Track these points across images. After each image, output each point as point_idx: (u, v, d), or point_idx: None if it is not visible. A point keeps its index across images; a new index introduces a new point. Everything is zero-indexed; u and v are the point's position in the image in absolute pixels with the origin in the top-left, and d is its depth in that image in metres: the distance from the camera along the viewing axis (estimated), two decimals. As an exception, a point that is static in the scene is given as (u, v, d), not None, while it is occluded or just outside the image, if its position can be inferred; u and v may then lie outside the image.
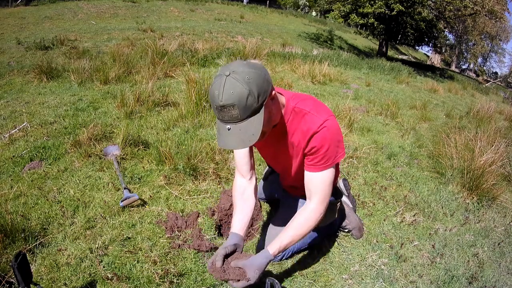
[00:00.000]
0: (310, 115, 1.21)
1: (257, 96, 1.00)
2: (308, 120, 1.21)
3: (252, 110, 1.01)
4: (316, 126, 1.19)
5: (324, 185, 1.26)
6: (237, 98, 0.98)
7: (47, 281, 1.35)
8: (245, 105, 0.99)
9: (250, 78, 0.99)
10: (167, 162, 2.25)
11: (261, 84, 1.01)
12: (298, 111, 1.23)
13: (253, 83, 0.99)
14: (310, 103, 1.26)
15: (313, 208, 1.27)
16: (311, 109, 1.22)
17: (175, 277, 1.42)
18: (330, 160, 1.24)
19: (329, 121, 1.21)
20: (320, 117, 1.20)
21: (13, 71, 4.58)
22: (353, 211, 1.89)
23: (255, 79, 1.00)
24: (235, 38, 11.61)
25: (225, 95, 0.98)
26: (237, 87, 0.98)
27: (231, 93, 0.97)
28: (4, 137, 2.56)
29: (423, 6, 15.38)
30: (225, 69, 1.01)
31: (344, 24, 25.74)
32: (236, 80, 0.98)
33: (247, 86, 0.98)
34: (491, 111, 5.28)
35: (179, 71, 4.69)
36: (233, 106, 0.98)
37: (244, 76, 0.99)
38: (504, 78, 37.65)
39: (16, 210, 1.76)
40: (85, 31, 9.79)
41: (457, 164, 2.67)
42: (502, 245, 1.92)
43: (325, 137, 1.20)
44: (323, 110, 1.24)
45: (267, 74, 1.06)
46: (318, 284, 1.49)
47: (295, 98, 1.26)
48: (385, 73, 8.98)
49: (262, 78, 1.02)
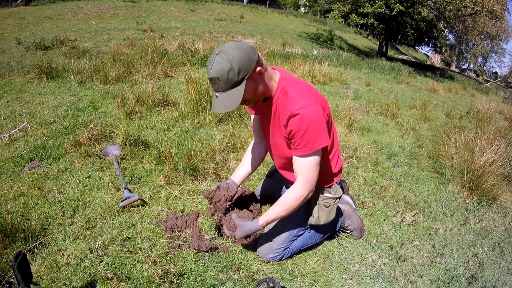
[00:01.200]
0: (293, 98, 1.31)
1: (237, 72, 1.21)
2: (290, 102, 1.31)
3: (233, 83, 1.23)
4: (294, 109, 1.28)
5: (306, 169, 1.36)
6: (220, 73, 1.21)
7: (47, 281, 1.35)
8: (227, 78, 1.22)
9: (233, 57, 1.20)
10: (167, 162, 2.25)
11: (243, 62, 1.21)
12: (285, 91, 1.34)
13: (235, 61, 1.20)
14: (299, 86, 1.35)
15: (297, 188, 1.39)
16: (296, 92, 1.32)
17: (175, 277, 1.42)
18: (309, 145, 1.31)
19: (309, 107, 1.27)
20: (301, 102, 1.28)
21: (13, 71, 4.58)
22: (355, 211, 1.89)
23: (237, 58, 1.21)
24: (235, 38, 11.62)
25: (212, 70, 1.22)
26: (221, 64, 1.21)
27: (216, 69, 1.21)
28: (4, 137, 2.56)
29: (423, 6, 15.39)
30: (218, 48, 1.25)
31: (344, 24, 25.74)
32: (222, 58, 1.21)
33: (229, 63, 1.20)
34: (491, 111, 5.28)
35: (179, 71, 4.69)
36: (218, 79, 1.22)
37: (229, 55, 1.21)
38: (504, 78, 37.63)
39: (16, 210, 1.76)
40: (85, 31, 9.79)
41: (457, 164, 2.67)
42: (502, 245, 1.92)
43: (301, 121, 1.27)
44: (308, 96, 1.30)
45: (253, 54, 1.24)
46: (318, 284, 1.49)
47: (288, 79, 1.38)
48: (385, 73, 8.99)
49: (245, 58, 1.22)
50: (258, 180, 2.26)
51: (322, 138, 1.32)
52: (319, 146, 1.32)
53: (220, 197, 1.60)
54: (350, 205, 1.89)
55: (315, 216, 1.53)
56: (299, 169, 1.38)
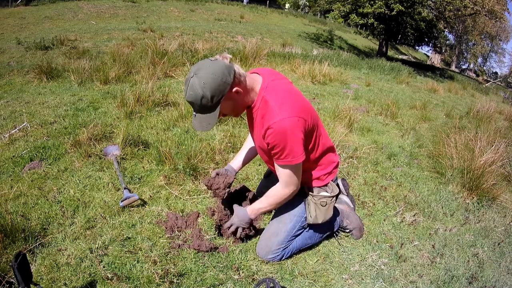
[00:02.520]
0: (271, 110, 1.30)
1: (210, 98, 1.22)
2: (268, 114, 1.31)
3: (206, 108, 1.26)
4: (271, 122, 1.27)
5: (286, 175, 1.40)
6: (194, 99, 1.23)
7: (47, 281, 1.35)
8: (200, 104, 1.24)
9: (206, 84, 1.20)
10: (167, 162, 2.25)
11: (216, 88, 1.21)
12: (265, 102, 1.33)
13: (207, 88, 1.20)
14: (280, 95, 1.32)
15: (278, 189, 1.47)
16: (276, 104, 1.30)
17: (175, 277, 1.42)
18: (288, 158, 1.33)
19: (285, 121, 1.26)
20: (279, 115, 1.27)
21: (13, 71, 4.58)
22: (354, 211, 1.89)
23: (210, 84, 1.20)
24: (235, 38, 11.62)
25: (187, 94, 1.24)
26: (194, 90, 1.21)
27: (190, 94, 1.23)
28: (4, 137, 2.56)
29: (423, 6, 15.39)
30: (193, 69, 1.24)
31: (344, 24, 25.74)
32: (194, 84, 1.21)
33: (202, 90, 1.21)
34: (491, 111, 5.28)
35: (179, 71, 4.69)
36: (193, 103, 1.25)
37: (201, 81, 1.20)
38: (504, 78, 37.62)
39: (16, 210, 1.76)
40: (85, 31, 9.79)
41: (457, 164, 2.67)
42: (502, 245, 1.92)
43: (277, 135, 1.28)
44: (287, 107, 1.29)
45: (227, 77, 1.22)
46: (318, 284, 1.49)
47: (269, 87, 1.35)
48: (385, 73, 8.99)
49: (218, 83, 1.21)
50: (258, 180, 2.26)
51: (297, 154, 1.32)
52: (294, 162, 1.34)
53: (219, 184, 1.64)
54: (348, 204, 1.88)
55: (313, 215, 1.53)
56: (279, 173, 1.42)
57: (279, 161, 1.36)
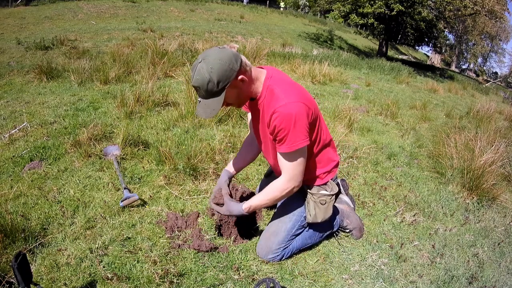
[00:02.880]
0: (277, 95, 1.31)
1: (216, 83, 1.23)
2: (274, 100, 1.32)
3: (212, 93, 1.26)
4: (277, 106, 1.28)
5: (289, 165, 1.37)
6: (201, 83, 1.24)
7: (47, 281, 1.35)
8: (206, 89, 1.25)
9: (213, 68, 1.22)
10: (167, 162, 2.25)
11: (222, 74, 1.23)
12: (270, 90, 1.35)
13: (214, 73, 1.22)
14: (285, 85, 1.35)
15: (280, 182, 1.42)
16: (282, 90, 1.32)
17: (175, 277, 1.42)
18: (290, 143, 1.30)
19: (292, 104, 1.27)
20: (285, 99, 1.28)
21: (13, 71, 4.58)
22: (354, 211, 1.89)
23: (217, 70, 1.22)
24: (235, 38, 11.62)
25: (194, 79, 1.26)
26: (202, 75, 1.23)
27: (197, 78, 1.24)
28: (4, 137, 2.56)
29: (423, 6, 15.38)
30: (202, 55, 1.27)
31: (344, 24, 25.74)
32: (202, 68, 1.23)
33: (209, 75, 1.22)
34: (491, 111, 5.28)
35: (179, 71, 4.69)
36: (199, 87, 1.26)
37: (209, 66, 1.22)
38: (504, 78, 37.63)
39: (16, 210, 1.76)
40: (85, 31, 9.79)
41: (457, 164, 2.67)
42: (502, 245, 1.92)
43: (283, 118, 1.27)
44: (292, 94, 1.31)
45: (234, 64, 1.25)
46: (318, 284, 1.49)
47: (274, 77, 1.38)
48: (385, 73, 8.99)
49: (225, 69, 1.23)
50: (258, 180, 2.26)
51: (302, 137, 1.31)
52: (300, 145, 1.31)
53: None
54: (348, 204, 1.88)
55: (312, 213, 1.54)
56: (283, 165, 1.39)
57: (283, 147, 1.32)
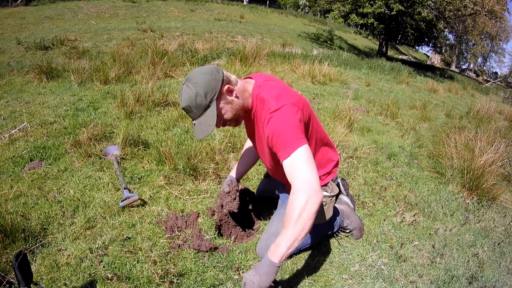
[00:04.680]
0: (267, 102, 1.27)
1: (204, 95, 1.23)
2: (265, 107, 1.28)
3: (203, 107, 1.25)
4: (267, 113, 1.25)
5: (297, 168, 1.16)
6: (189, 101, 1.24)
7: (47, 281, 1.35)
8: (196, 104, 1.24)
9: (197, 83, 1.23)
10: (167, 162, 2.25)
11: (207, 85, 1.23)
12: (260, 99, 1.32)
13: (199, 86, 1.23)
14: (275, 91, 1.31)
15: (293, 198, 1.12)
16: (271, 96, 1.28)
17: (175, 277, 1.42)
18: (290, 146, 1.17)
19: (281, 109, 1.23)
20: (274, 105, 1.24)
21: (13, 71, 4.58)
22: (354, 211, 1.89)
23: (201, 82, 1.23)
24: (235, 38, 11.61)
25: (182, 100, 1.26)
26: (188, 92, 1.24)
27: (185, 97, 1.25)
28: (4, 137, 2.56)
29: (423, 6, 15.38)
30: (185, 78, 1.28)
31: (344, 24, 25.74)
32: (187, 87, 1.25)
33: (195, 89, 1.23)
34: (491, 111, 5.28)
35: (179, 71, 4.69)
36: (189, 107, 1.25)
37: (193, 82, 1.24)
38: (504, 78, 37.60)
39: (16, 210, 1.76)
40: (85, 31, 9.78)
41: (457, 164, 2.67)
42: (502, 245, 1.92)
43: (274, 124, 1.22)
44: (282, 98, 1.26)
45: (216, 74, 1.26)
46: (318, 284, 1.49)
47: (262, 86, 1.34)
48: (385, 73, 8.98)
49: (208, 80, 1.24)
50: (258, 180, 2.26)
51: (297, 138, 1.19)
52: (297, 146, 1.17)
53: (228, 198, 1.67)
54: (348, 205, 1.89)
55: None
56: (290, 174, 1.18)
57: (283, 155, 1.19)
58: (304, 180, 1.13)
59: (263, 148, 1.44)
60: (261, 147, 1.46)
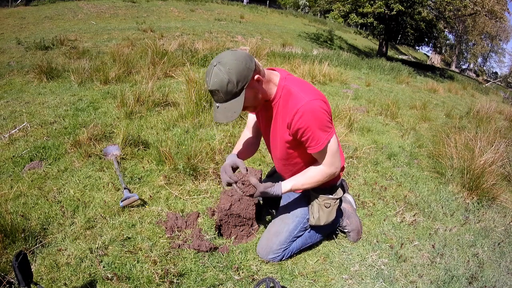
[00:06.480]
0: (296, 95, 1.31)
1: (236, 83, 1.22)
2: (292, 100, 1.31)
3: (232, 94, 1.24)
4: (298, 106, 1.28)
5: (326, 158, 1.38)
6: (219, 85, 1.22)
7: (47, 281, 1.35)
8: (226, 90, 1.22)
9: (231, 69, 1.21)
10: (167, 162, 2.25)
11: (240, 73, 1.22)
12: (287, 90, 1.35)
13: (233, 73, 1.21)
14: (300, 84, 1.35)
15: (322, 168, 1.42)
16: (299, 89, 1.32)
17: (175, 277, 1.42)
18: (321, 140, 1.31)
19: (313, 102, 1.27)
20: (305, 98, 1.28)
21: (13, 71, 4.58)
22: (355, 212, 1.89)
23: (235, 69, 1.21)
24: (235, 38, 11.61)
25: (211, 82, 1.23)
26: (220, 76, 1.21)
27: (215, 81, 1.22)
28: (4, 137, 2.56)
29: (423, 6, 15.38)
30: (215, 60, 1.25)
31: (344, 24, 25.73)
32: (219, 70, 1.21)
33: (227, 75, 1.21)
34: (491, 111, 5.28)
35: (179, 71, 4.69)
36: (217, 90, 1.23)
37: (227, 67, 1.21)
38: (504, 78, 37.62)
39: (16, 210, 1.76)
40: (85, 31, 9.78)
41: (457, 164, 2.67)
42: (502, 245, 1.92)
43: (306, 117, 1.27)
44: (310, 92, 1.31)
45: (250, 63, 1.24)
46: (318, 284, 1.49)
47: (288, 78, 1.38)
48: (385, 73, 8.99)
49: (242, 68, 1.22)
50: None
51: (327, 131, 1.32)
52: (327, 139, 1.32)
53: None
54: (351, 204, 1.89)
55: (315, 216, 1.54)
56: (320, 160, 1.41)
57: (314, 148, 1.33)
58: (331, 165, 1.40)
59: (277, 138, 1.44)
60: (275, 136, 1.46)
